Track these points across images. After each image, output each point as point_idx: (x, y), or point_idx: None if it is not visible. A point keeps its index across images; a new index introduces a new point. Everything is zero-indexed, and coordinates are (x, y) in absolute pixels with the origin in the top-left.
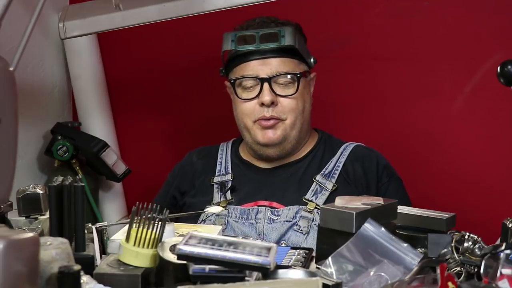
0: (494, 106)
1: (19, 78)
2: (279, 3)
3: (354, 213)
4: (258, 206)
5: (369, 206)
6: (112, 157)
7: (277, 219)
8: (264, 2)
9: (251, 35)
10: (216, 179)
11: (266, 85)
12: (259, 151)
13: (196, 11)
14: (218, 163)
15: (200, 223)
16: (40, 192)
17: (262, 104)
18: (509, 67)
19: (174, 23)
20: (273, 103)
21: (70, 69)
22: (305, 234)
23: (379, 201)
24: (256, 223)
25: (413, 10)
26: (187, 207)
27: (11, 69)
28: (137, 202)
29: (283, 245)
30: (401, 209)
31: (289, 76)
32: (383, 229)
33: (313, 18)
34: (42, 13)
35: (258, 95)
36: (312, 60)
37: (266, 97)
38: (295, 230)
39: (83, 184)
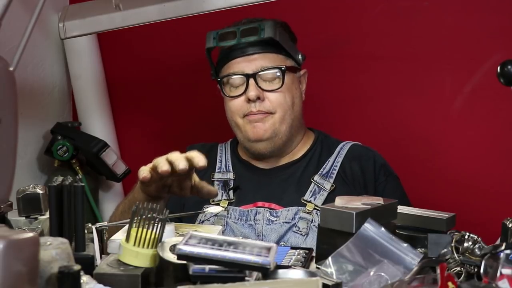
0: (494, 106)
1: (19, 78)
2: (279, 3)
3: (354, 213)
4: (257, 207)
5: (369, 206)
6: (112, 157)
7: (276, 220)
8: (264, 2)
9: (232, 32)
10: (217, 175)
11: (251, 80)
12: (251, 148)
13: (196, 11)
14: (218, 160)
15: (198, 224)
16: (40, 192)
17: (249, 100)
18: (509, 67)
19: (174, 23)
20: (259, 98)
21: (70, 69)
22: (304, 235)
23: (379, 201)
24: (255, 224)
25: (413, 10)
26: (186, 201)
27: (11, 69)
28: (137, 202)
29: (282, 245)
30: (401, 209)
31: (274, 71)
32: (383, 229)
33: (313, 18)
34: (42, 13)
35: (245, 92)
36: (300, 56)
37: (252, 92)
38: (294, 232)
39: (83, 184)
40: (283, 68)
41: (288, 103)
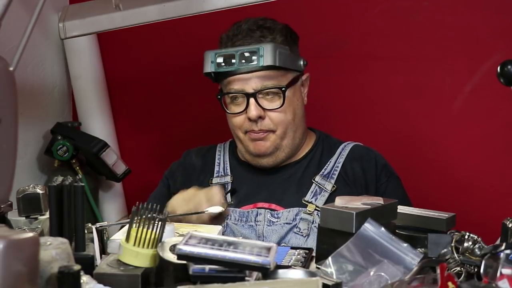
0: (494, 106)
1: (19, 78)
2: (279, 3)
3: (354, 213)
4: (258, 208)
5: (369, 206)
6: (112, 157)
7: (277, 221)
8: (264, 2)
9: (231, 55)
10: (215, 180)
11: (252, 100)
12: (253, 161)
13: (196, 11)
14: (216, 163)
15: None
16: (40, 192)
17: (250, 119)
18: (509, 67)
19: (174, 23)
20: (260, 117)
21: (70, 69)
22: (305, 236)
23: (379, 201)
24: (256, 225)
25: (413, 10)
26: None
27: (11, 69)
28: (137, 202)
29: (282, 245)
30: (401, 209)
31: (274, 90)
32: (383, 229)
33: (313, 18)
34: (42, 13)
35: (246, 110)
36: (301, 62)
37: (253, 112)
38: (295, 233)
39: (83, 184)
40: (283, 88)
41: (288, 119)
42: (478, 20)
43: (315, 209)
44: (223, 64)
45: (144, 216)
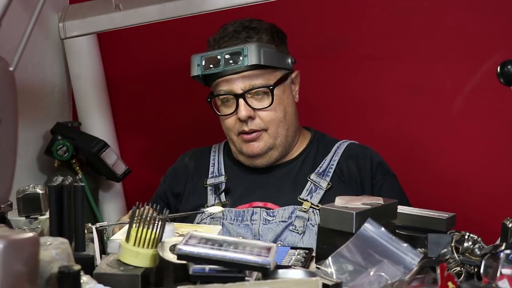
0: (494, 106)
1: (19, 78)
2: (278, 3)
3: (354, 213)
4: (253, 207)
5: (369, 206)
6: (112, 157)
7: (273, 219)
8: (263, 2)
9: (216, 58)
10: (210, 181)
11: (241, 100)
12: (246, 162)
13: (196, 11)
14: (211, 164)
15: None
16: (40, 192)
17: (241, 120)
18: (509, 67)
19: (174, 23)
20: (250, 117)
21: (70, 69)
22: (301, 234)
23: (379, 201)
24: (252, 224)
25: (413, 10)
26: (181, 210)
27: (11, 69)
28: (137, 202)
29: (279, 245)
30: (401, 209)
31: (263, 89)
32: (383, 229)
33: (312, 18)
34: (42, 13)
35: (236, 111)
36: (289, 60)
37: (242, 112)
38: (291, 230)
39: (83, 184)
40: (271, 87)
41: (279, 117)
42: (478, 20)
43: (311, 207)
44: (211, 66)
45: (144, 216)
